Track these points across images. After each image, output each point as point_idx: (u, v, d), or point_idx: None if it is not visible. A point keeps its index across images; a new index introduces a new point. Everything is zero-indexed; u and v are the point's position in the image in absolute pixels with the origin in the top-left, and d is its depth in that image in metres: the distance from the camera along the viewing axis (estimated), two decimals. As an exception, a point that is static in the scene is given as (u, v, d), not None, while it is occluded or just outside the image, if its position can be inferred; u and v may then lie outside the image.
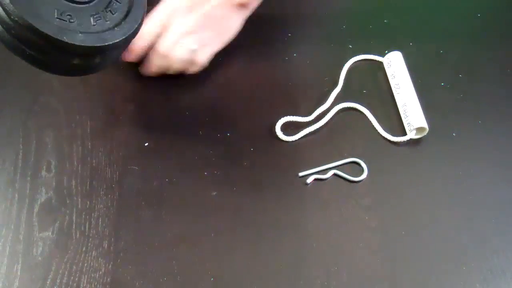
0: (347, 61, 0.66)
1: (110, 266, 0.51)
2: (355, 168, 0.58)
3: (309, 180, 0.57)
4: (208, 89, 0.63)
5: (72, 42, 0.45)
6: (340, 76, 0.65)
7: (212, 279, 0.51)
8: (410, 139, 0.60)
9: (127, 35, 0.49)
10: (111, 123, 0.60)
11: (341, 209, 0.56)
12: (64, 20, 0.46)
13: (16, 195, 0.54)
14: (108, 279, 0.50)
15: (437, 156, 0.60)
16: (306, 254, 0.53)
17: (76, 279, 0.50)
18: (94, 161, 0.57)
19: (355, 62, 0.67)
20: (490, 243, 0.54)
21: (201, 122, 0.60)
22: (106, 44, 0.47)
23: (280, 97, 0.63)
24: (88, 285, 0.50)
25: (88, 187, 0.55)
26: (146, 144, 0.58)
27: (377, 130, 0.61)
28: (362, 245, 0.53)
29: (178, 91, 0.62)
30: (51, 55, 0.47)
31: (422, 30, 0.72)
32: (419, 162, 0.59)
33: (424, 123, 0.59)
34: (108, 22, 0.48)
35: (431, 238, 0.54)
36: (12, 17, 0.43)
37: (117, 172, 0.56)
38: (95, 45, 0.47)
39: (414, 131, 0.60)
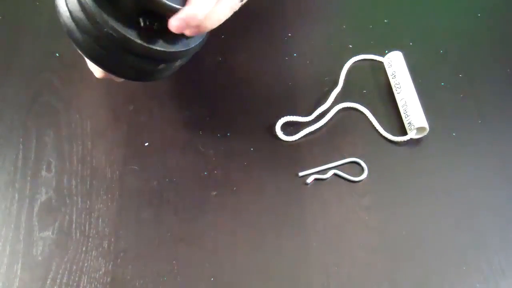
0: (347, 61, 0.66)
1: (110, 266, 0.51)
2: (355, 168, 0.58)
3: (309, 180, 0.57)
4: (208, 89, 0.63)
5: (164, 49, 0.45)
6: (340, 76, 0.65)
7: (212, 279, 0.51)
8: (410, 139, 0.60)
9: (204, 36, 0.49)
10: (111, 123, 0.60)
11: (341, 209, 0.56)
12: (149, 28, 0.45)
13: (16, 195, 0.54)
14: (108, 279, 0.50)
15: (437, 156, 0.60)
16: (306, 254, 0.53)
17: (76, 279, 0.50)
18: (94, 161, 0.57)
19: (355, 62, 0.67)
20: (490, 243, 0.54)
21: (201, 122, 0.60)
22: (192, 47, 0.47)
23: (280, 97, 0.63)
24: (88, 285, 0.50)
25: (88, 187, 0.55)
26: (146, 144, 0.58)
27: (377, 130, 0.61)
28: (362, 245, 0.53)
29: (178, 91, 0.62)
30: (139, 64, 0.47)
31: (422, 30, 0.72)
32: (419, 162, 0.59)
33: (424, 123, 0.59)
34: None
35: (431, 238, 0.54)
36: (105, 29, 0.43)
37: (117, 172, 0.56)
38: (182, 49, 0.47)
39: (415, 131, 0.60)
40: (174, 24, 0.44)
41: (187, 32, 0.45)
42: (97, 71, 0.53)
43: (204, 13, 0.44)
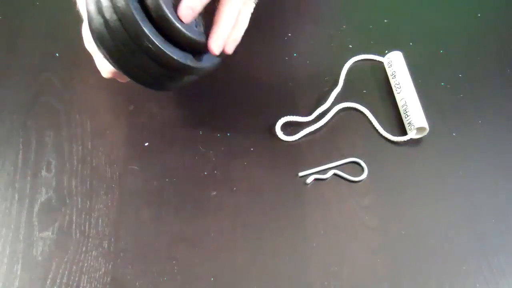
0: (347, 61, 0.66)
1: (110, 266, 0.51)
2: (355, 168, 0.58)
3: (309, 180, 0.57)
4: (208, 89, 0.63)
5: (196, 66, 0.48)
6: (340, 76, 0.65)
7: (212, 279, 0.51)
8: (410, 139, 0.60)
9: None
10: (111, 123, 0.60)
11: (341, 209, 0.56)
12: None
13: (16, 195, 0.54)
14: (108, 279, 0.50)
15: (437, 156, 0.60)
16: (306, 254, 0.53)
17: (76, 279, 0.50)
18: (94, 161, 0.57)
19: (355, 62, 0.67)
20: (490, 243, 0.54)
21: (201, 122, 0.60)
22: (217, 62, 0.51)
23: (280, 97, 0.63)
24: (88, 285, 0.50)
25: (88, 187, 0.55)
26: (146, 144, 0.58)
27: (377, 130, 0.61)
28: (362, 245, 0.53)
29: (178, 91, 0.62)
30: (167, 75, 0.49)
31: (422, 30, 0.72)
32: (419, 162, 0.59)
33: (424, 123, 0.59)
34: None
35: (431, 238, 0.54)
36: (144, 43, 0.45)
37: (117, 172, 0.56)
38: (210, 66, 0.50)
39: (415, 131, 0.60)
40: (215, 47, 0.47)
41: (227, 50, 0.49)
42: (105, 72, 0.53)
43: (231, 28, 0.48)
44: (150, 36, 0.45)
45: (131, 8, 0.44)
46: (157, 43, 0.45)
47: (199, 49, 0.48)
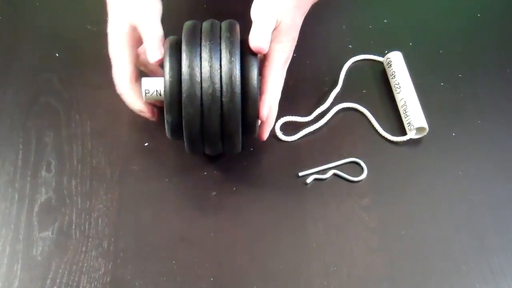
0: (347, 61, 0.66)
1: (110, 266, 0.51)
2: (355, 168, 0.58)
3: (309, 180, 0.57)
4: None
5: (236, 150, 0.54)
6: (340, 76, 0.65)
7: (212, 279, 0.51)
8: (410, 139, 0.60)
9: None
10: (111, 123, 0.60)
11: (341, 209, 0.56)
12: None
13: (16, 195, 0.54)
14: (108, 279, 0.50)
15: (437, 156, 0.60)
16: (306, 254, 0.53)
17: (76, 279, 0.50)
18: (94, 161, 0.57)
19: (355, 62, 0.67)
20: (490, 243, 0.54)
21: (201, 122, 0.60)
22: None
23: (280, 97, 0.63)
24: (88, 285, 0.50)
25: (88, 187, 0.55)
26: (146, 144, 0.59)
27: (377, 130, 0.61)
28: (362, 245, 0.53)
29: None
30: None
31: (422, 30, 0.72)
32: (419, 162, 0.59)
33: (424, 123, 0.59)
34: None
35: (431, 238, 0.54)
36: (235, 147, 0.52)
37: (117, 172, 0.56)
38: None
39: (414, 131, 0.60)
40: (265, 138, 0.55)
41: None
42: (137, 103, 0.55)
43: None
44: (240, 135, 0.50)
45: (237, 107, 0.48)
46: (240, 139, 0.50)
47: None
